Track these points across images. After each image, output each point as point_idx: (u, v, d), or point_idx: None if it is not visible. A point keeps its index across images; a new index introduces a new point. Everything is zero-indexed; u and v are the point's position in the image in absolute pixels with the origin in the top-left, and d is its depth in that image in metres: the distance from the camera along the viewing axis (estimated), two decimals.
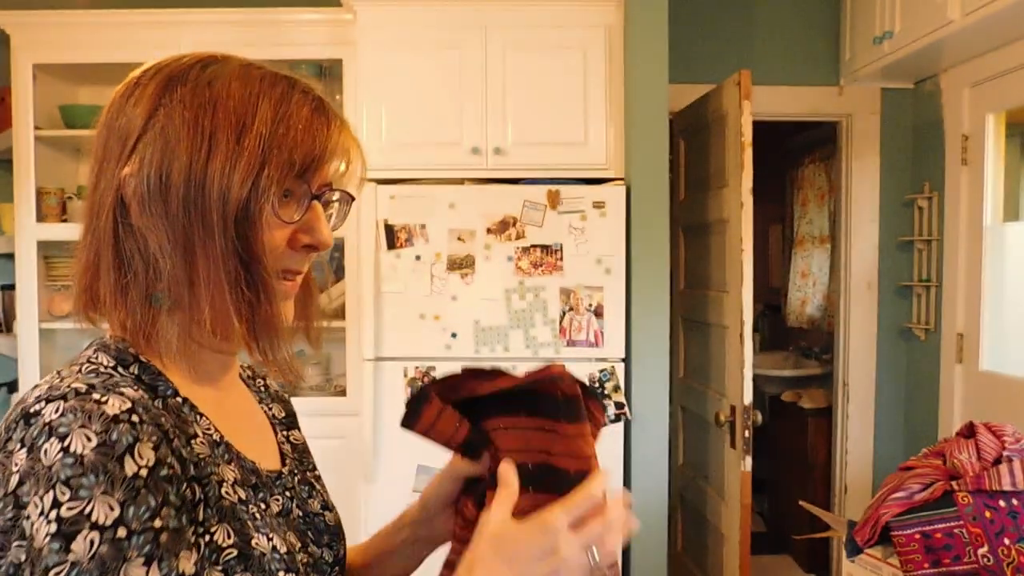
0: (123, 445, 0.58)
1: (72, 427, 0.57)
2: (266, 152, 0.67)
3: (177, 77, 0.70)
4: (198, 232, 0.67)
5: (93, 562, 0.55)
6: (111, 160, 0.70)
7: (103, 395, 0.60)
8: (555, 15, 2.64)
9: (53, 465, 0.56)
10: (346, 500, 2.80)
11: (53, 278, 2.96)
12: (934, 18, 2.46)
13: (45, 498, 0.55)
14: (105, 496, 0.56)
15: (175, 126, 0.68)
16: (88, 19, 2.82)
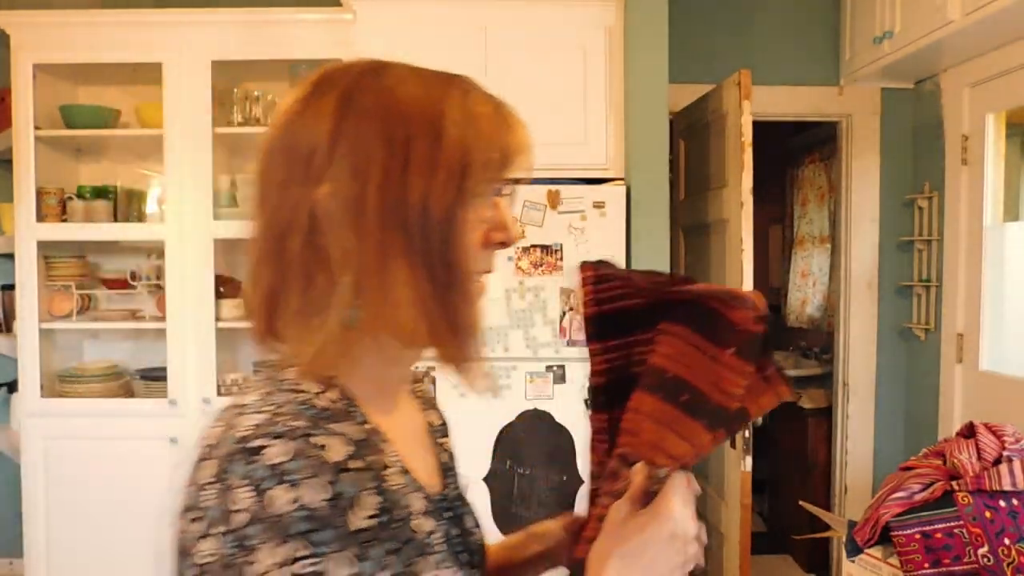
0: (348, 498, 0.59)
1: (301, 476, 0.57)
2: (464, 155, 0.66)
3: (353, 88, 0.67)
4: (399, 243, 0.65)
5: None
6: (295, 181, 0.66)
7: (323, 438, 0.60)
8: (555, 15, 2.64)
9: (284, 516, 0.56)
10: None
11: (53, 278, 2.96)
12: (934, 18, 2.46)
13: (280, 550, 0.56)
14: (340, 554, 0.57)
15: (365, 140, 0.65)
16: (88, 19, 2.82)
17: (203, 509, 0.59)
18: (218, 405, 0.82)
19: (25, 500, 2.87)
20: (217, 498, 0.58)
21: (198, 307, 2.85)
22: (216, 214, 2.86)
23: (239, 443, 0.60)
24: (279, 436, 0.59)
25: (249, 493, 0.57)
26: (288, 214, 0.66)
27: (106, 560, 2.87)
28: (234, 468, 0.58)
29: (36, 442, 2.86)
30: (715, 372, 0.73)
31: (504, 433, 2.57)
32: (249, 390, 0.69)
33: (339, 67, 0.70)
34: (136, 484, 2.85)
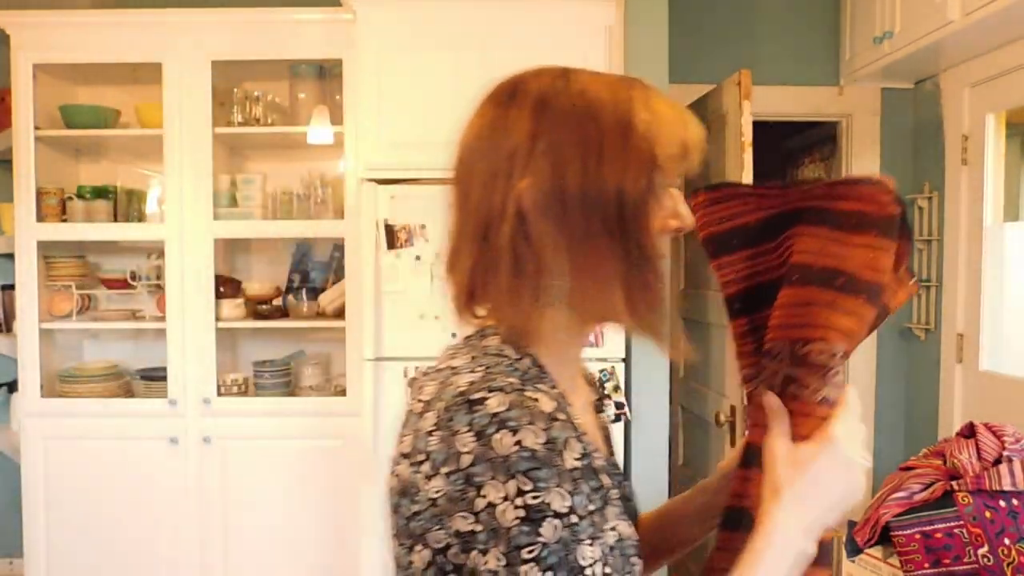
0: (561, 441, 0.66)
1: (521, 422, 0.65)
2: (651, 149, 0.74)
3: (547, 92, 0.77)
4: (597, 229, 0.73)
5: (559, 544, 0.64)
6: (499, 177, 0.75)
7: (533, 393, 0.68)
8: (555, 15, 2.63)
9: (510, 456, 0.64)
10: (346, 500, 2.81)
11: (53, 278, 2.96)
12: (934, 18, 2.46)
13: (507, 485, 0.64)
14: (558, 488, 0.64)
15: (562, 138, 0.74)
16: (88, 19, 2.83)
17: (427, 453, 0.68)
18: (218, 405, 0.81)
19: (25, 500, 2.87)
20: (441, 443, 0.67)
21: (198, 307, 2.85)
22: (216, 214, 2.86)
23: (459, 396, 0.69)
24: (496, 390, 0.68)
25: (472, 438, 0.65)
26: (493, 205, 0.75)
27: (106, 560, 2.87)
28: (457, 417, 0.67)
29: (36, 442, 2.86)
30: (861, 255, 0.75)
31: None
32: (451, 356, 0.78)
33: (530, 74, 0.81)
34: (136, 484, 2.86)
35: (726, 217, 0.87)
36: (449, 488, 0.66)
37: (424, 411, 0.72)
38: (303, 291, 3.01)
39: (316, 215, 2.95)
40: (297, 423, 2.84)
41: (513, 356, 0.76)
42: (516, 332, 0.77)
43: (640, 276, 0.75)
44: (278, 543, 2.87)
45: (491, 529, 0.64)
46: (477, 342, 0.78)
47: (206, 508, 2.85)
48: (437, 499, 0.66)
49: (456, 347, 0.80)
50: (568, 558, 0.64)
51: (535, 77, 0.79)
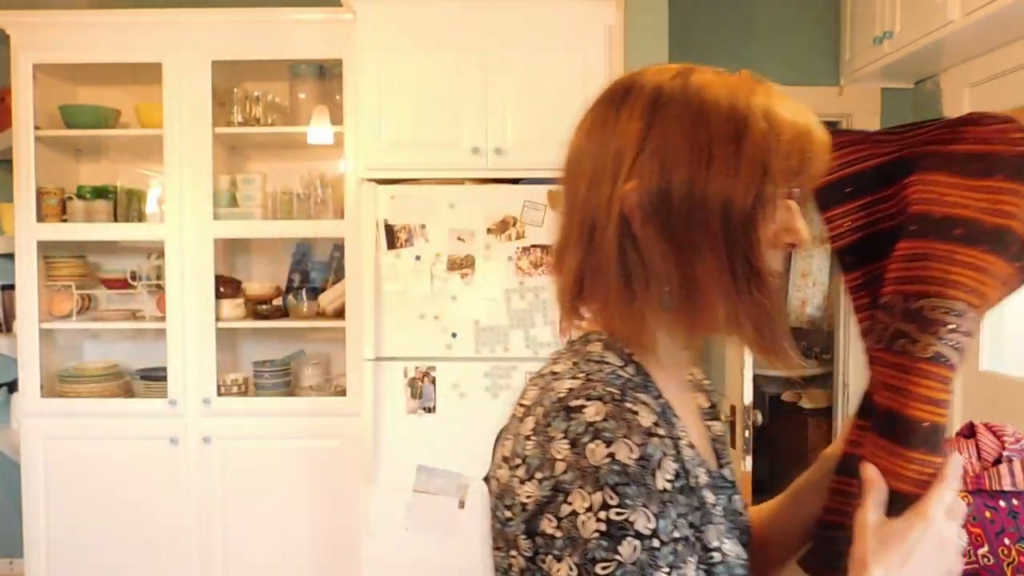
0: (655, 460, 0.63)
1: (616, 435, 0.63)
2: (766, 159, 0.70)
3: (662, 92, 0.73)
4: (702, 239, 0.70)
5: (635, 566, 0.61)
6: (605, 177, 0.73)
7: (634, 404, 0.66)
8: (555, 15, 2.63)
9: (600, 468, 0.62)
10: (346, 500, 2.81)
11: (53, 278, 2.96)
12: (934, 18, 2.46)
13: (593, 497, 0.61)
14: (644, 508, 0.61)
15: (671, 141, 0.71)
16: (88, 19, 2.83)
17: (523, 458, 0.67)
18: (217, 405, 0.79)
19: (25, 500, 2.87)
20: (537, 448, 0.66)
21: (198, 307, 2.85)
22: (216, 214, 2.86)
23: (558, 402, 0.67)
24: (595, 399, 0.66)
25: (566, 445, 0.64)
26: (599, 206, 0.73)
27: (106, 560, 2.87)
28: (554, 424, 0.66)
29: (36, 442, 2.86)
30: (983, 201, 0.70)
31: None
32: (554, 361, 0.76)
33: (648, 72, 0.76)
34: (136, 484, 2.86)
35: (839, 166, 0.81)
36: (539, 494, 0.64)
37: (524, 415, 0.71)
38: (303, 291, 3.00)
39: (316, 215, 2.95)
40: (297, 423, 2.84)
41: (616, 363, 0.73)
42: (620, 337, 0.75)
43: (747, 293, 0.71)
44: (278, 543, 2.87)
45: (569, 537, 0.62)
46: (581, 347, 0.76)
47: (206, 508, 2.85)
48: (527, 504, 0.65)
49: (559, 352, 0.79)
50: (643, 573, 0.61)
51: (653, 75, 0.75)
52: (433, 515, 2.59)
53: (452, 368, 2.57)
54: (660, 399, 0.73)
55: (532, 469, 0.65)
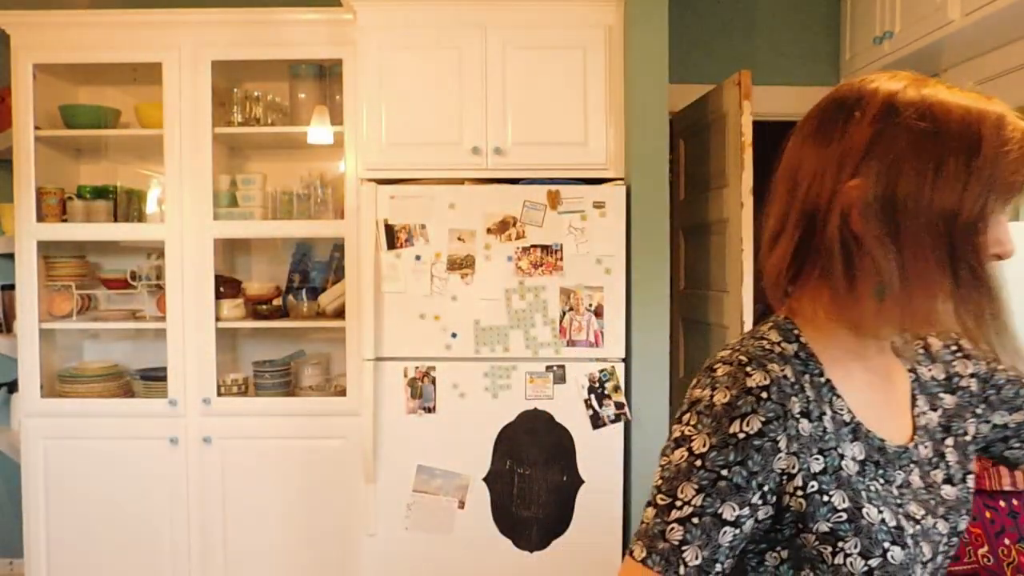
0: (740, 411, 0.77)
1: (721, 384, 0.79)
2: (994, 175, 0.75)
3: (896, 100, 0.78)
4: (924, 243, 0.76)
5: (675, 468, 0.79)
6: (828, 174, 0.80)
7: (753, 369, 0.79)
8: (555, 15, 2.64)
9: (700, 400, 0.80)
10: (346, 500, 2.81)
11: (53, 278, 2.96)
12: (934, 18, 2.46)
13: (685, 416, 0.81)
14: (706, 436, 0.77)
15: (901, 149, 0.76)
16: (88, 19, 2.82)
17: None
18: (218, 405, 0.80)
19: (25, 500, 2.87)
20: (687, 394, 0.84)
21: (198, 307, 2.85)
22: (216, 214, 2.86)
23: (706, 365, 0.84)
24: (727, 363, 0.81)
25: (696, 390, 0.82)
26: (820, 199, 0.80)
27: (106, 560, 2.87)
28: (698, 379, 0.83)
29: (36, 442, 2.86)
30: None
31: (504, 433, 2.57)
32: None
33: (877, 80, 0.82)
34: (136, 484, 2.86)
35: None
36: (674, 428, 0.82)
37: None
38: (303, 291, 3.01)
39: (316, 215, 2.95)
40: (297, 423, 2.84)
41: (775, 340, 0.84)
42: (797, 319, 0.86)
43: (973, 297, 0.76)
44: (278, 543, 2.87)
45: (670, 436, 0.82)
46: (759, 327, 0.88)
47: (206, 508, 2.85)
48: None
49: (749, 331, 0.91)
50: (673, 482, 0.78)
51: (885, 82, 0.81)
52: (433, 515, 2.59)
53: (452, 368, 2.57)
54: (821, 377, 0.83)
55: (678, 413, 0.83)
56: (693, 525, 0.76)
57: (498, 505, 2.58)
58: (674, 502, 0.77)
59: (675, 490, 0.77)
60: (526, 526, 2.58)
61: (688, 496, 0.76)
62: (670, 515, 0.77)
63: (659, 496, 0.79)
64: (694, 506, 0.76)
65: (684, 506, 0.76)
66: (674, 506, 0.77)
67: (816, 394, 0.81)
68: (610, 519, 2.58)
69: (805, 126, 0.85)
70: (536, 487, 2.58)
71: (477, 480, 2.58)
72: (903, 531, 0.79)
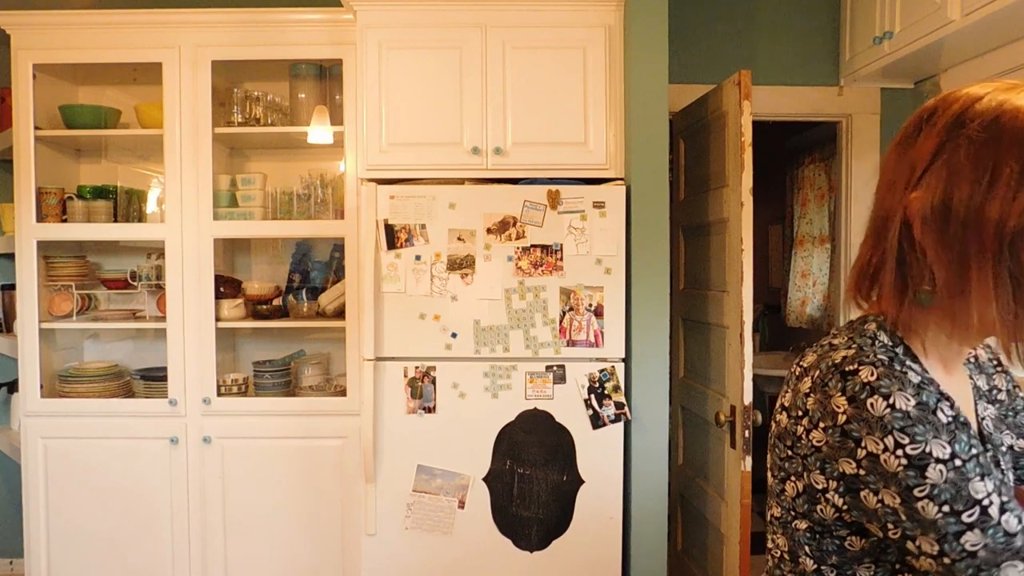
0: (932, 403, 0.76)
1: (892, 389, 0.76)
2: None
3: (965, 112, 0.80)
4: (974, 250, 0.77)
5: (947, 484, 0.74)
6: (900, 183, 0.84)
7: (902, 367, 0.78)
8: (555, 15, 2.64)
9: (884, 416, 0.75)
10: (346, 500, 2.81)
11: (53, 278, 2.96)
12: (934, 18, 2.46)
13: (885, 440, 0.75)
14: (936, 439, 0.74)
15: (959, 159, 0.78)
16: (88, 19, 2.83)
17: (806, 411, 0.82)
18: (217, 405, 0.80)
19: (25, 500, 2.87)
20: (817, 404, 0.80)
21: (198, 307, 2.85)
22: (216, 214, 2.86)
23: (833, 367, 0.80)
24: (868, 364, 0.78)
25: (845, 402, 0.77)
26: (890, 208, 0.84)
27: (106, 560, 2.87)
28: (831, 384, 0.79)
29: (36, 442, 2.86)
30: None
31: (504, 433, 2.57)
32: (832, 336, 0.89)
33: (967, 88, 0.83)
34: (136, 484, 2.86)
35: None
36: (828, 439, 0.78)
37: (802, 375, 0.85)
38: (303, 291, 3.01)
39: (316, 215, 2.95)
40: (297, 423, 2.84)
41: (887, 341, 0.84)
42: (894, 322, 0.86)
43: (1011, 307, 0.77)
44: (278, 543, 2.87)
45: (878, 473, 0.75)
46: (859, 326, 0.88)
47: (206, 508, 2.85)
48: (820, 447, 0.79)
49: (838, 329, 0.91)
50: (961, 493, 0.73)
51: (972, 90, 0.82)
52: (433, 515, 2.59)
53: (452, 368, 2.57)
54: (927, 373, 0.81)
55: (816, 420, 0.80)
56: (1007, 503, 0.75)
57: (498, 505, 2.58)
58: (980, 503, 0.74)
59: (969, 497, 0.74)
60: (526, 526, 2.58)
61: (981, 489, 0.74)
62: (990, 513, 0.74)
63: (965, 515, 0.74)
64: (990, 490, 0.74)
65: (986, 497, 0.74)
66: (983, 506, 0.74)
67: None
68: (610, 519, 2.58)
69: (898, 133, 0.89)
70: (536, 487, 2.58)
71: (477, 480, 2.58)
72: None
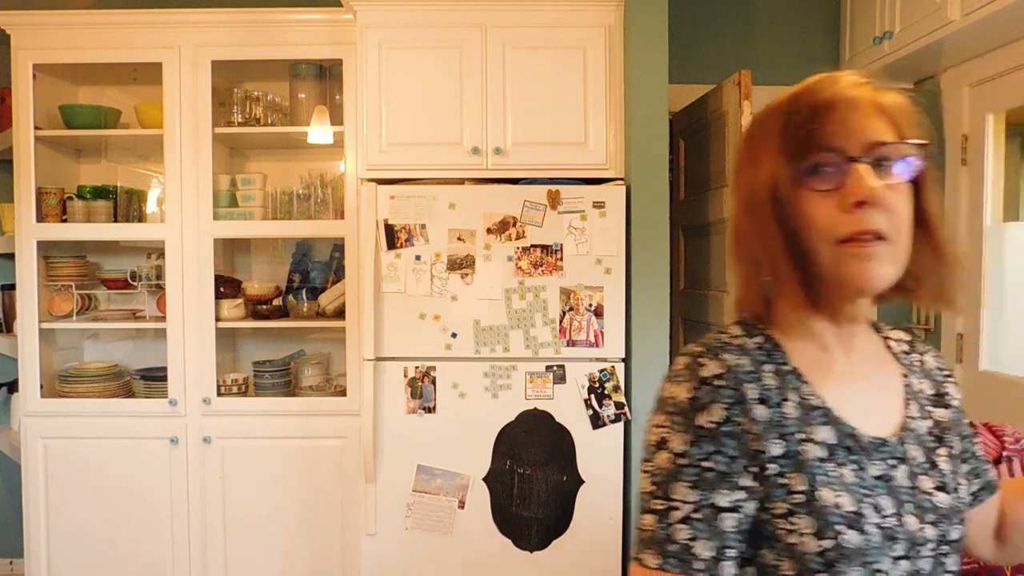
0: (703, 402, 0.80)
1: (681, 380, 0.83)
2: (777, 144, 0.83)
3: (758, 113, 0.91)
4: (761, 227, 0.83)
5: (662, 471, 0.80)
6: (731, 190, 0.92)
7: (706, 359, 0.83)
8: (555, 15, 2.63)
9: (665, 399, 0.84)
10: (346, 500, 2.81)
11: (53, 278, 2.96)
12: (934, 18, 2.46)
13: (657, 416, 0.84)
14: (680, 434, 0.80)
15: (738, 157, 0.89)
16: (88, 19, 2.82)
17: None
18: (217, 405, 0.80)
19: (25, 500, 2.87)
20: None
21: (198, 307, 2.85)
22: (216, 214, 2.86)
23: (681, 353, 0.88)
24: (686, 355, 0.85)
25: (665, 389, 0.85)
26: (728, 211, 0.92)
27: (106, 560, 2.87)
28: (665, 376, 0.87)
29: (36, 442, 2.86)
30: None
31: (504, 433, 2.57)
32: None
33: None
34: (136, 484, 2.86)
35: None
36: None
37: None
38: (303, 291, 3.01)
39: (316, 215, 2.95)
40: (297, 423, 2.84)
41: (737, 333, 0.87)
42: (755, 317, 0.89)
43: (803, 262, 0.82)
44: (278, 542, 2.87)
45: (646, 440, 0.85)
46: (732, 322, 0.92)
47: (206, 508, 2.85)
48: None
49: None
50: (665, 485, 0.80)
51: None
52: (433, 515, 2.59)
53: (452, 368, 2.57)
54: (785, 366, 0.85)
55: None
56: (696, 520, 0.78)
57: (498, 505, 2.58)
58: (672, 503, 0.79)
59: (669, 492, 0.79)
60: (526, 526, 2.58)
61: (683, 495, 0.79)
62: (671, 517, 0.79)
63: (654, 501, 0.80)
64: (691, 503, 0.78)
65: (682, 505, 0.78)
66: (672, 507, 0.79)
67: (780, 381, 0.83)
68: (610, 519, 2.58)
69: None
70: (536, 487, 2.57)
71: (477, 480, 2.58)
72: (863, 518, 0.78)
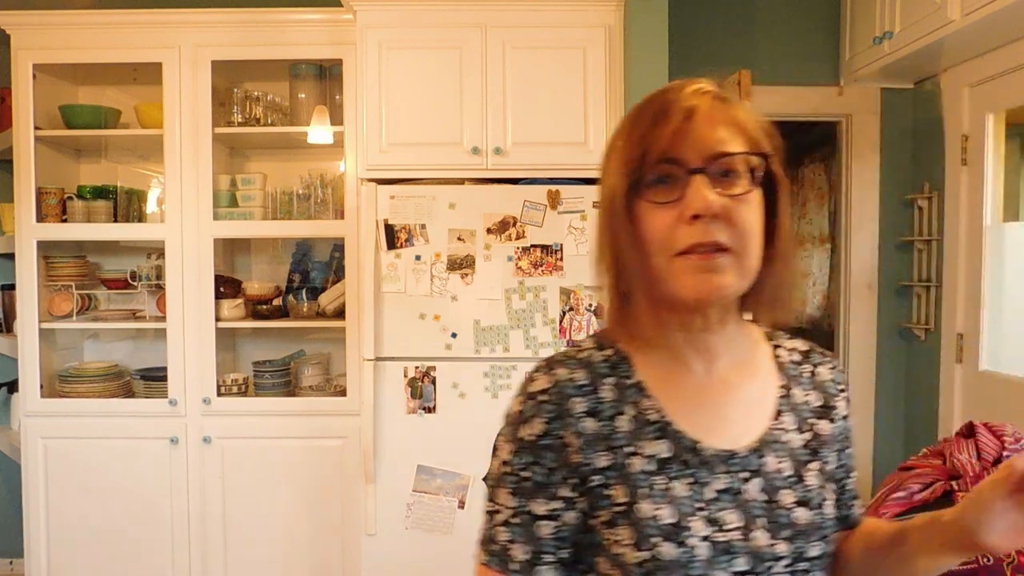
0: (526, 416, 0.84)
1: (518, 393, 0.87)
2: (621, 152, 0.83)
3: None
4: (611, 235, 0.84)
5: (492, 477, 0.86)
6: None
7: (540, 375, 0.86)
8: (555, 15, 2.63)
9: (507, 411, 0.88)
10: (346, 500, 2.81)
11: (53, 278, 2.96)
12: (934, 18, 2.46)
13: (503, 428, 0.87)
14: (508, 444, 0.85)
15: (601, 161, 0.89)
16: (88, 19, 2.82)
17: None
18: (218, 405, 0.80)
19: (25, 500, 2.87)
20: None
21: (198, 307, 2.85)
22: (216, 214, 2.86)
23: None
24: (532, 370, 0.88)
25: None
26: None
27: (106, 560, 2.87)
28: None
29: (36, 442, 2.86)
30: None
31: None
32: None
33: None
34: (136, 484, 2.86)
35: None
36: None
37: None
38: (303, 291, 3.01)
39: (316, 215, 2.95)
40: (297, 423, 2.84)
41: (588, 346, 0.89)
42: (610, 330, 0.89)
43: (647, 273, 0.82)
44: (278, 543, 2.87)
45: None
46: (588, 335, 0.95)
47: (206, 508, 2.85)
48: None
49: None
50: (494, 490, 0.85)
51: None
52: (433, 515, 2.59)
53: (452, 368, 2.57)
54: (629, 380, 0.85)
55: None
56: (513, 525, 0.82)
57: None
58: (496, 507, 0.84)
59: (495, 496, 0.84)
60: None
61: (504, 500, 0.83)
62: (495, 519, 0.84)
63: (487, 504, 0.85)
64: (510, 508, 0.83)
65: (503, 509, 0.83)
66: (496, 511, 0.84)
67: (619, 395, 0.84)
68: None
69: None
70: None
71: (477, 480, 2.58)
72: (685, 531, 0.78)
